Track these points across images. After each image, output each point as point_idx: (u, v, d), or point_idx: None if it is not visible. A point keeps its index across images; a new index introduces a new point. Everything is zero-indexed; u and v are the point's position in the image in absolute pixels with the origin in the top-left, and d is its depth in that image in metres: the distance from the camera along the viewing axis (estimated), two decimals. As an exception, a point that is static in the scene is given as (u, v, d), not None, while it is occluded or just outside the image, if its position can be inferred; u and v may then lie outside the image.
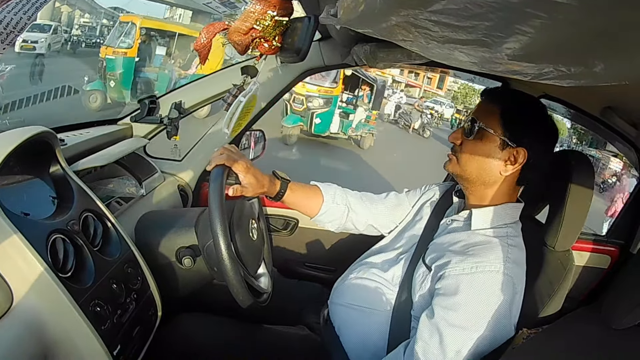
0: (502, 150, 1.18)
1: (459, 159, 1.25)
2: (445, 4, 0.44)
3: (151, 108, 1.78)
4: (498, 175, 1.20)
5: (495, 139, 1.18)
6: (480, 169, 1.22)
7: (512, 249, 1.14)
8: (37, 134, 1.07)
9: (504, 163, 1.19)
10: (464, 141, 1.25)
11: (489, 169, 1.21)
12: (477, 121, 1.21)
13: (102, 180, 1.54)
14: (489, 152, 1.20)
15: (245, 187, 1.24)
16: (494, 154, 1.19)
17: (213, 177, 1.15)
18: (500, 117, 1.19)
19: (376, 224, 1.52)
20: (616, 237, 1.83)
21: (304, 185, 1.47)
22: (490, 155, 1.20)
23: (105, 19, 17.38)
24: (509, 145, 1.17)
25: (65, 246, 1.00)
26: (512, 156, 1.18)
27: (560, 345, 1.00)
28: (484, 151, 1.20)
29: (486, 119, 1.20)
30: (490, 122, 1.19)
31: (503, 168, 1.19)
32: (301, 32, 1.16)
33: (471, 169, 1.23)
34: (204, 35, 1.22)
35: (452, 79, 37.82)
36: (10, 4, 0.51)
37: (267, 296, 1.33)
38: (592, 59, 0.44)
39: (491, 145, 1.19)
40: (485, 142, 1.20)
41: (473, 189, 1.26)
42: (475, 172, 1.23)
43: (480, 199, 1.26)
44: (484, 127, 1.19)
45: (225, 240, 1.09)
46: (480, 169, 1.22)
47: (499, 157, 1.19)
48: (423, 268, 1.23)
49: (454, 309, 1.07)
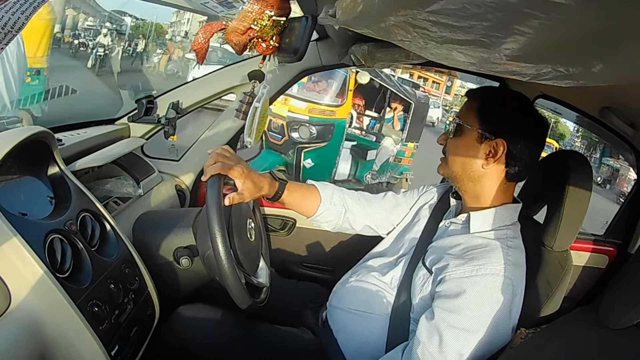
0: (481, 143, 1.20)
1: (446, 160, 1.28)
2: (444, 4, 0.44)
3: (149, 108, 1.77)
4: (481, 169, 1.21)
5: (472, 133, 1.21)
6: (463, 165, 1.23)
7: (512, 251, 1.14)
8: (34, 134, 1.07)
9: (485, 156, 1.20)
10: (449, 140, 1.28)
11: (470, 164, 1.22)
12: (458, 119, 1.24)
13: (99, 181, 1.54)
14: (468, 147, 1.22)
15: (243, 193, 1.23)
16: (474, 148, 1.21)
17: (209, 189, 1.14)
18: (477, 111, 1.21)
19: (373, 225, 1.52)
20: (614, 237, 1.84)
21: (302, 185, 1.46)
22: (470, 150, 1.22)
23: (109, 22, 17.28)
24: (487, 138, 1.19)
25: (62, 246, 1.00)
26: (492, 148, 1.19)
27: (558, 345, 1.00)
28: (464, 146, 1.23)
29: (465, 115, 1.24)
30: (469, 118, 1.22)
31: (484, 161, 1.20)
32: (298, 32, 1.15)
33: (456, 166, 1.25)
34: (201, 35, 1.22)
35: (460, 82, 37.78)
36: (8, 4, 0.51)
37: (265, 296, 1.33)
38: (591, 59, 0.44)
39: (469, 140, 1.21)
40: (464, 138, 1.23)
41: (464, 187, 1.27)
42: (459, 168, 1.24)
43: (475, 198, 1.26)
44: (462, 122, 1.22)
45: (227, 255, 1.09)
46: (463, 164, 1.23)
47: (479, 150, 1.20)
48: (423, 271, 1.23)
49: (455, 312, 1.07)
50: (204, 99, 1.85)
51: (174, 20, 24.44)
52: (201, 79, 1.91)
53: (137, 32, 17.17)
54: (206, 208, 1.11)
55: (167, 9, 24.28)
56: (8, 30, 0.51)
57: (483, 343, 1.04)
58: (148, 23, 19.89)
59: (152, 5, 26.66)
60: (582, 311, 1.17)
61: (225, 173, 1.18)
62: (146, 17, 19.79)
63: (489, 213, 1.22)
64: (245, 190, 1.23)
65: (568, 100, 1.59)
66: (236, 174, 1.21)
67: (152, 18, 20.66)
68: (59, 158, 1.19)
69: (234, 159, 1.23)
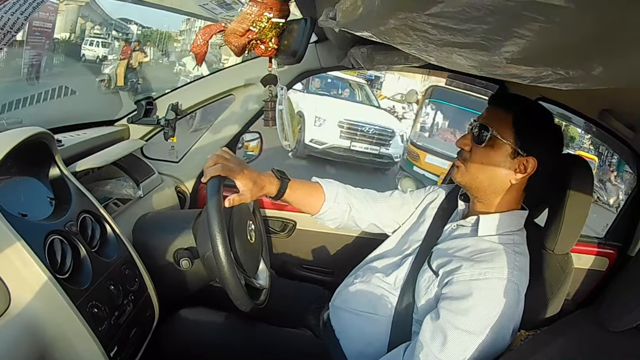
0: (513, 159, 1.17)
1: (468, 167, 1.23)
2: (443, 7, 0.44)
3: (148, 109, 1.77)
4: (508, 183, 1.20)
5: (507, 148, 1.17)
6: (491, 178, 1.20)
7: (519, 257, 1.14)
8: (34, 134, 1.07)
9: (514, 172, 1.18)
10: (474, 148, 1.22)
11: (499, 178, 1.20)
12: (490, 129, 1.18)
13: (99, 182, 1.54)
14: (500, 161, 1.18)
15: (244, 194, 1.22)
16: (505, 162, 1.18)
17: (209, 191, 1.14)
18: (513, 125, 1.17)
19: (379, 223, 1.51)
20: (614, 239, 1.84)
21: (305, 182, 1.44)
22: (501, 164, 1.18)
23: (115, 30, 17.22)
24: (520, 154, 1.16)
25: (62, 247, 1.00)
26: (522, 165, 1.17)
27: (558, 347, 1.00)
28: (495, 160, 1.19)
29: (498, 126, 1.18)
30: (503, 129, 1.17)
31: (513, 177, 1.18)
32: (297, 34, 1.15)
33: (482, 177, 1.21)
34: (200, 37, 1.22)
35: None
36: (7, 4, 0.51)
37: (265, 297, 1.33)
38: (590, 62, 0.44)
39: (503, 154, 1.18)
40: (497, 150, 1.18)
41: (482, 197, 1.25)
42: (486, 181, 1.21)
43: (488, 206, 1.25)
44: (497, 135, 1.17)
45: (227, 257, 1.09)
46: (491, 177, 1.20)
47: (509, 165, 1.18)
48: (429, 273, 1.22)
49: (461, 313, 1.07)
50: (204, 100, 1.85)
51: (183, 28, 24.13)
52: (201, 80, 1.92)
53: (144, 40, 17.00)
54: (206, 210, 1.11)
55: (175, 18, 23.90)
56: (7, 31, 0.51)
57: (485, 346, 1.05)
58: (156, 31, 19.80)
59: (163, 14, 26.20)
60: (583, 313, 1.18)
61: (226, 174, 1.17)
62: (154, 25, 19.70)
63: (497, 218, 1.22)
64: (246, 191, 1.23)
65: (567, 103, 1.59)
66: (236, 176, 1.20)
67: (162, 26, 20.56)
68: (59, 159, 1.19)
69: (235, 160, 1.23)
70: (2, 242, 0.89)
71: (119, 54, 12.42)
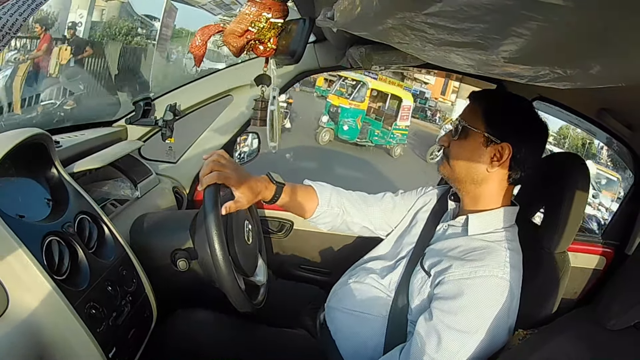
0: (487, 147, 1.20)
1: (449, 161, 1.27)
2: (441, 6, 0.44)
3: (146, 110, 1.77)
4: (485, 172, 1.21)
5: (479, 136, 1.20)
6: (467, 167, 1.23)
7: (510, 253, 1.14)
8: (32, 135, 1.07)
9: (490, 160, 1.20)
10: (451, 142, 1.27)
11: (475, 167, 1.22)
12: (462, 121, 1.23)
13: (97, 183, 1.53)
14: (474, 150, 1.22)
15: (240, 200, 1.23)
16: (479, 151, 1.21)
17: (206, 198, 1.15)
18: (483, 114, 1.21)
19: (371, 226, 1.52)
20: (611, 238, 1.84)
21: (299, 187, 1.46)
22: (475, 153, 1.21)
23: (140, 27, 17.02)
24: (493, 142, 1.19)
25: (60, 248, 1.00)
26: (498, 152, 1.19)
27: (556, 346, 1.01)
28: (469, 149, 1.22)
29: (470, 118, 1.23)
30: (474, 120, 1.22)
31: (489, 165, 1.20)
32: (296, 34, 1.16)
33: (459, 168, 1.25)
34: (198, 38, 1.22)
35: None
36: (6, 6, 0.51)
37: (263, 298, 1.33)
38: (588, 61, 0.44)
39: (475, 143, 1.21)
40: (469, 140, 1.22)
41: (465, 189, 1.27)
42: (463, 170, 1.24)
43: (475, 200, 1.26)
44: (468, 125, 1.22)
45: (224, 259, 1.10)
46: (467, 167, 1.23)
47: (485, 153, 1.20)
48: (422, 273, 1.23)
49: (453, 313, 1.07)
50: (202, 101, 1.86)
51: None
52: (199, 81, 1.91)
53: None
54: (204, 215, 1.11)
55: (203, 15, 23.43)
56: (6, 32, 0.50)
57: (481, 344, 1.05)
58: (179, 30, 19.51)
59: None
60: (580, 312, 1.18)
61: (222, 182, 1.18)
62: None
63: (487, 215, 1.23)
64: (242, 197, 1.23)
65: (565, 102, 1.60)
66: (232, 182, 1.21)
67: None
68: (57, 160, 1.19)
69: (230, 165, 1.23)
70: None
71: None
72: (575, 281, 1.82)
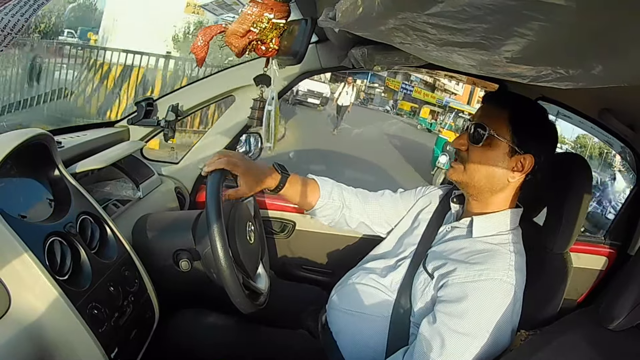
0: (511, 157, 1.17)
1: (466, 167, 1.22)
2: (443, 6, 0.44)
3: (148, 110, 1.78)
4: (506, 182, 1.19)
5: (504, 146, 1.17)
6: (488, 177, 1.20)
7: (515, 256, 1.13)
8: (34, 136, 1.07)
9: (512, 170, 1.17)
10: (471, 148, 1.21)
11: (497, 177, 1.19)
12: (487, 128, 1.17)
13: (99, 183, 1.54)
14: (497, 160, 1.18)
15: (244, 189, 1.25)
16: (503, 161, 1.17)
17: (209, 184, 1.15)
18: (509, 123, 1.16)
19: (368, 222, 1.52)
20: (613, 238, 1.83)
21: (303, 179, 1.46)
22: (498, 163, 1.18)
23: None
24: (517, 152, 1.16)
25: (62, 249, 1.00)
26: (520, 163, 1.16)
27: (558, 347, 1.00)
28: (493, 159, 1.18)
29: (495, 125, 1.17)
30: (500, 128, 1.17)
31: (511, 175, 1.18)
32: (298, 34, 1.16)
33: (480, 176, 1.20)
34: (200, 38, 1.22)
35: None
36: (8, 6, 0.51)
37: (264, 298, 1.33)
38: (590, 61, 0.44)
39: (500, 153, 1.17)
40: (494, 149, 1.17)
41: (479, 196, 1.24)
42: (484, 180, 1.20)
43: (484, 204, 1.25)
44: (494, 134, 1.16)
45: (224, 250, 1.09)
46: (489, 177, 1.19)
47: (507, 164, 1.17)
48: (424, 275, 1.22)
49: (457, 316, 1.07)
50: (204, 101, 1.86)
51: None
52: (201, 81, 1.91)
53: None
54: (206, 204, 1.12)
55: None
56: (8, 33, 0.50)
57: (484, 348, 1.04)
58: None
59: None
60: (582, 313, 1.17)
61: (229, 168, 1.21)
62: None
63: (491, 218, 1.22)
64: (247, 186, 1.26)
65: (567, 102, 1.59)
66: (239, 170, 1.24)
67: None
68: (59, 160, 1.19)
69: (238, 155, 1.26)
70: (1, 244, 0.89)
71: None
72: (578, 282, 1.82)
